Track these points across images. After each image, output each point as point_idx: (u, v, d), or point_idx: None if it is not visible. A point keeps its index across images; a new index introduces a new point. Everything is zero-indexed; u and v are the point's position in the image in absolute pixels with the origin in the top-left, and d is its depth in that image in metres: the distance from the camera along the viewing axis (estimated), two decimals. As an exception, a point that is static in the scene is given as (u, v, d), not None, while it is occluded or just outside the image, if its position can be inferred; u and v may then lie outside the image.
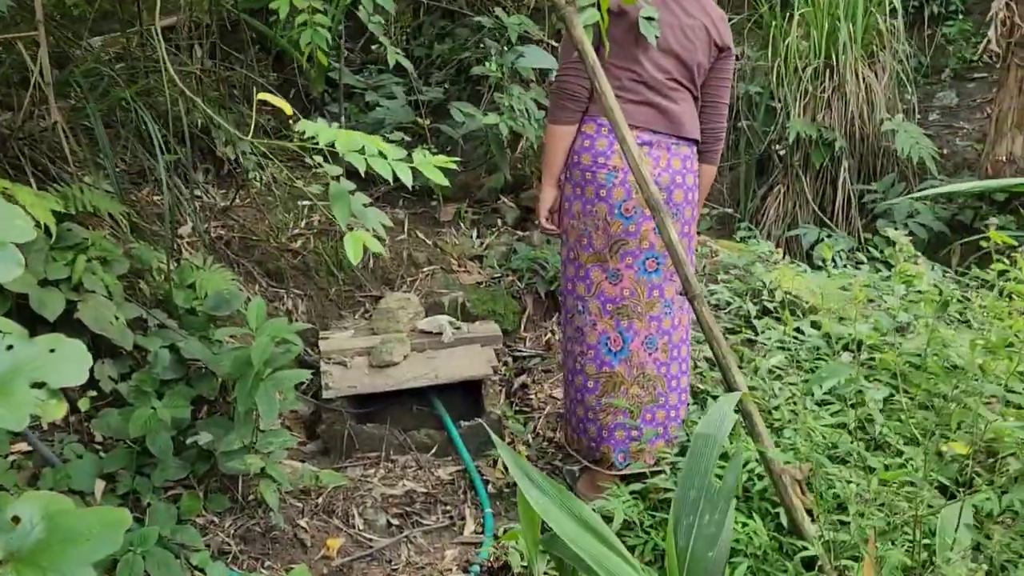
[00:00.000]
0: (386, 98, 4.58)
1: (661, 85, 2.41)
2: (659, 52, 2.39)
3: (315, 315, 3.67)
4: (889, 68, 5.17)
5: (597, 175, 2.42)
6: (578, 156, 2.46)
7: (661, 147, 2.41)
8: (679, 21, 2.40)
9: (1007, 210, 4.34)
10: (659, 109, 2.42)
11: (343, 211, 1.54)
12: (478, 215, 4.50)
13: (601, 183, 2.42)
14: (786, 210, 5.17)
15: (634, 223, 2.41)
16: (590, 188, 2.44)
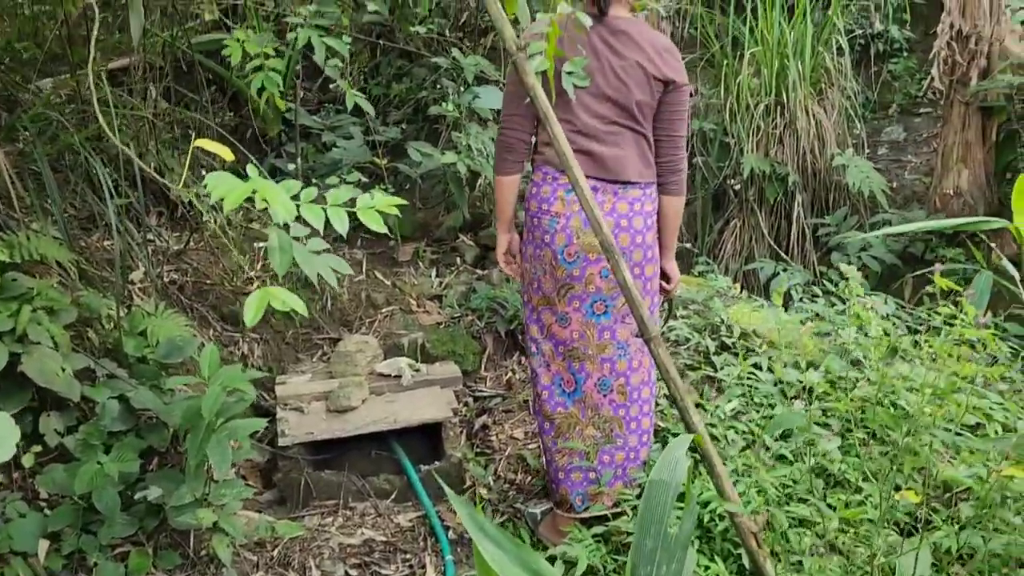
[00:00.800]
0: (343, 138, 4.57)
1: (597, 132, 2.40)
2: (592, 98, 2.39)
3: (272, 359, 3.61)
4: (838, 104, 5.30)
5: (542, 221, 2.44)
6: (528, 202, 2.51)
7: (607, 192, 2.41)
8: (610, 63, 2.37)
9: (956, 242, 4.44)
10: (596, 157, 2.40)
11: (283, 262, 1.51)
12: (437, 254, 4.48)
13: (545, 228, 2.43)
14: (743, 244, 5.24)
15: (577, 267, 2.42)
16: (536, 233, 2.47)
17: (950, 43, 4.48)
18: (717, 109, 5.49)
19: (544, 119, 2.00)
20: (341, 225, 1.56)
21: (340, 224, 1.56)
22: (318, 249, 1.66)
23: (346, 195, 1.59)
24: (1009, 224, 1.93)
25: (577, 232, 2.39)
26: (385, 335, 3.84)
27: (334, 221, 1.57)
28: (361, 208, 1.59)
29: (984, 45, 4.43)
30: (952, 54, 4.50)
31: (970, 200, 4.54)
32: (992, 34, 4.43)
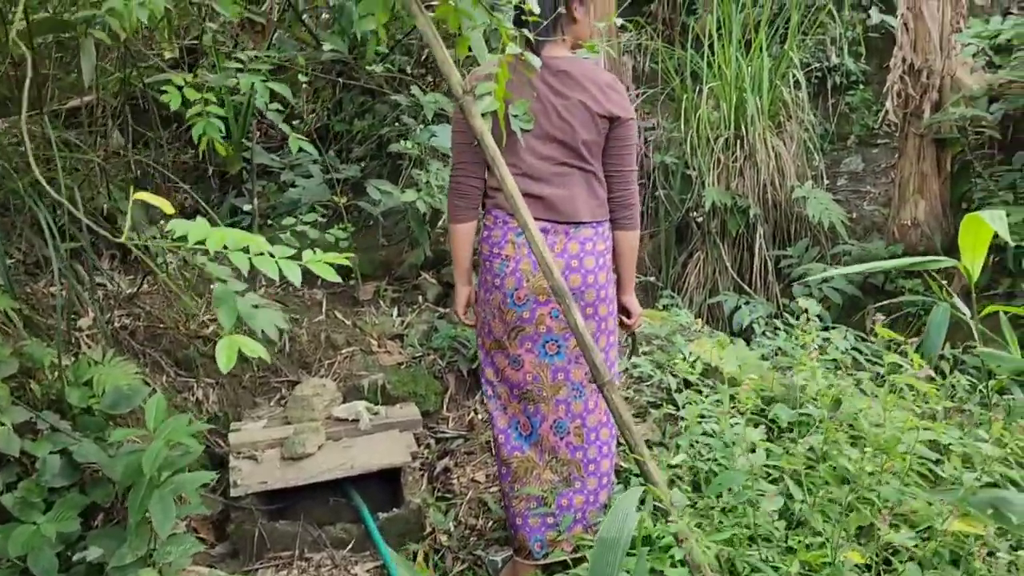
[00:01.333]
0: (302, 176, 4.52)
1: (544, 173, 2.37)
2: (537, 140, 2.37)
3: (227, 404, 3.53)
4: (796, 137, 5.36)
5: (492, 264, 2.43)
6: (480, 246, 2.50)
7: (558, 232, 2.38)
8: (552, 104, 2.36)
9: (915, 273, 4.48)
10: (545, 199, 2.37)
11: (228, 315, 1.47)
12: (399, 293, 4.43)
13: (496, 272, 2.42)
14: (706, 276, 5.25)
15: (527, 310, 2.39)
16: (488, 277, 2.45)
17: (903, 77, 4.55)
18: (678, 142, 5.54)
19: (492, 163, 1.98)
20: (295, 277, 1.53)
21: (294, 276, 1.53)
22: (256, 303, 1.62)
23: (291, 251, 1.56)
24: (958, 263, 1.93)
25: (527, 275, 2.36)
26: (345, 376, 3.77)
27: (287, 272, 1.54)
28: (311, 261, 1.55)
29: (936, 78, 4.51)
30: (905, 87, 4.57)
31: (927, 231, 4.59)
32: (943, 68, 4.51)
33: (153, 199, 1.44)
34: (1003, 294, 4.20)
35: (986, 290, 4.37)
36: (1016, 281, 4.02)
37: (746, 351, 3.51)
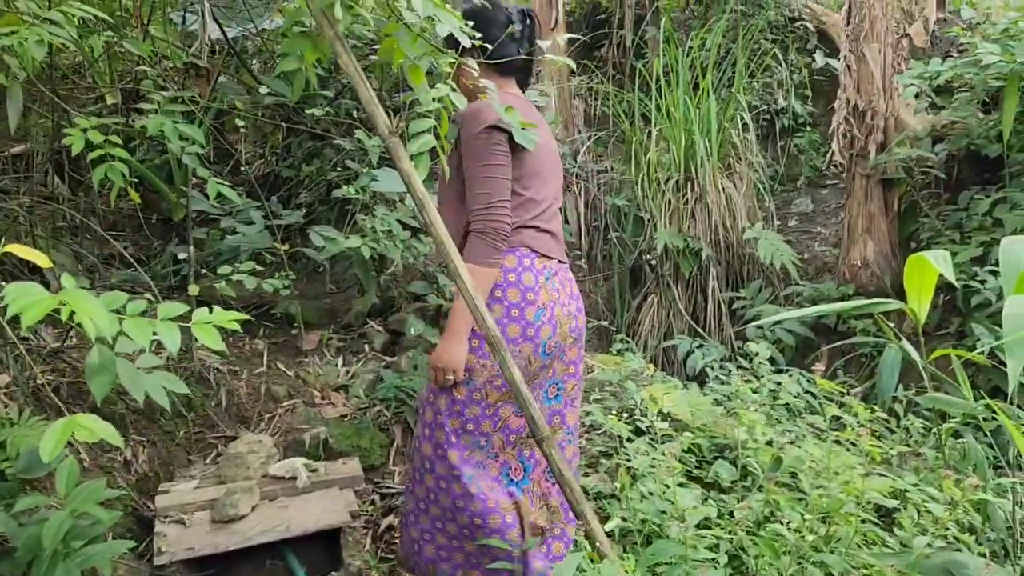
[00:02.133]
0: (244, 223, 4.38)
1: (555, 211, 2.37)
2: (552, 178, 2.36)
3: (159, 463, 3.34)
4: (746, 178, 5.37)
5: (525, 313, 2.21)
6: (503, 291, 2.23)
7: (565, 272, 2.36)
8: (550, 145, 2.37)
9: (866, 314, 4.46)
10: (558, 236, 2.37)
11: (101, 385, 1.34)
12: (344, 341, 4.29)
13: (529, 321, 2.22)
14: (660, 319, 5.19)
15: (552, 357, 2.29)
16: (515, 327, 2.21)
17: (847, 118, 4.58)
18: (630, 185, 5.52)
19: (420, 207, 1.89)
20: (172, 343, 1.40)
21: (171, 342, 1.40)
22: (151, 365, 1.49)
23: (179, 309, 1.43)
24: (904, 306, 1.87)
25: (560, 322, 2.26)
26: (286, 431, 3.61)
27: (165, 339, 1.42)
28: (196, 323, 1.43)
29: (880, 120, 4.55)
30: (850, 128, 4.60)
31: (877, 271, 4.59)
32: (887, 109, 4.56)
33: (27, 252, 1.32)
34: (954, 333, 4.19)
35: (937, 329, 4.36)
36: (966, 320, 4.01)
37: (699, 397, 3.44)
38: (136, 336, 1.31)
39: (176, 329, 1.36)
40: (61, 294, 1.28)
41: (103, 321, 1.26)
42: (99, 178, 2.32)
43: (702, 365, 4.35)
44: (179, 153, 2.67)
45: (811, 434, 2.77)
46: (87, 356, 1.35)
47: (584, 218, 5.55)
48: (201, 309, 1.43)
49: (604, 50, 7.07)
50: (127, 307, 1.36)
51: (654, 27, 6.62)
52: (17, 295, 1.25)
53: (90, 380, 1.34)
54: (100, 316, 1.26)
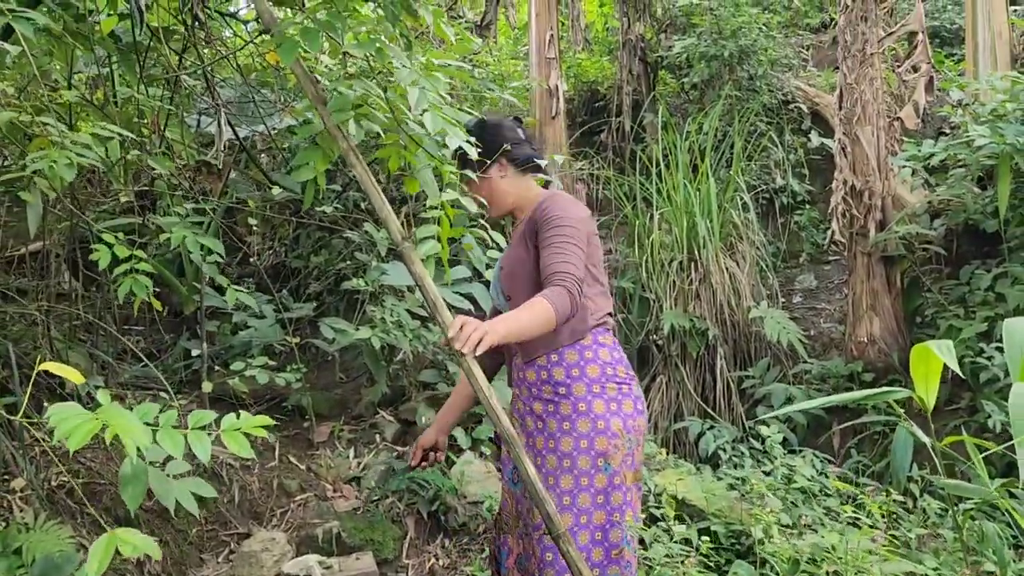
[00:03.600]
0: (255, 317, 4.45)
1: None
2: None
3: (171, 563, 3.32)
4: (749, 257, 5.45)
5: (633, 387, 2.29)
6: (612, 368, 2.25)
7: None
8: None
9: (876, 390, 4.46)
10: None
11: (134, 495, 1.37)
12: (355, 432, 4.30)
13: (638, 395, 2.30)
14: (670, 400, 5.19)
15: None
16: (628, 402, 2.24)
17: (845, 198, 4.68)
18: (635, 267, 5.59)
19: (433, 308, 1.94)
20: (203, 453, 1.44)
21: (202, 452, 1.44)
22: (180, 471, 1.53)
23: (208, 418, 1.47)
24: (912, 393, 1.90)
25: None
26: (298, 526, 3.60)
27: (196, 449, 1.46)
28: (225, 431, 1.47)
29: (877, 199, 4.64)
30: (849, 208, 4.69)
31: (884, 347, 4.62)
32: (883, 188, 4.66)
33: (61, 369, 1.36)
34: (965, 408, 4.18)
35: (948, 403, 4.36)
36: (976, 395, 4.02)
37: (712, 482, 3.42)
38: (169, 448, 1.35)
39: (207, 439, 1.40)
40: (101, 413, 1.32)
41: (140, 436, 1.30)
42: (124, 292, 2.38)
43: (715, 447, 4.34)
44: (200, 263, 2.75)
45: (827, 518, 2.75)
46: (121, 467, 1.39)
47: (590, 301, 5.61)
48: (229, 416, 1.47)
49: (604, 135, 7.26)
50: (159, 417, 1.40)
51: (652, 113, 6.81)
52: (61, 418, 1.29)
53: (123, 490, 1.38)
54: (138, 433, 1.30)
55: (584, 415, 2.17)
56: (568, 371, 2.21)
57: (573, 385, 2.20)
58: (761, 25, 6.73)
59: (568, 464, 2.15)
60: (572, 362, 2.22)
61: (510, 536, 2.34)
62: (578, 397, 2.19)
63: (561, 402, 2.20)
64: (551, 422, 2.19)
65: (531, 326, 1.97)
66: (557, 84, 6.40)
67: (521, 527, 2.29)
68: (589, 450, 2.15)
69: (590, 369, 2.22)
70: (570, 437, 2.17)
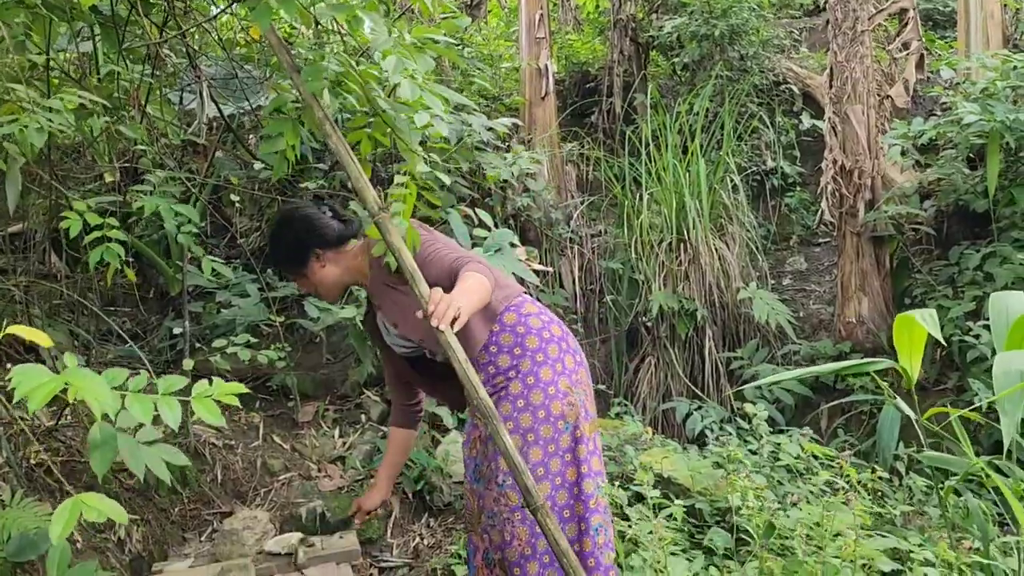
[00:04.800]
0: (239, 296, 4.40)
1: None
2: None
3: (152, 542, 3.29)
4: (739, 238, 5.42)
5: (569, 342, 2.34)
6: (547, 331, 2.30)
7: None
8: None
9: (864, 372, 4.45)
10: None
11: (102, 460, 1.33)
12: (340, 412, 4.27)
13: (575, 348, 2.35)
14: (658, 382, 5.17)
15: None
16: (568, 358, 2.29)
17: (835, 178, 4.65)
18: (623, 247, 5.56)
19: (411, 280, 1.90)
20: (173, 418, 1.40)
21: (172, 417, 1.40)
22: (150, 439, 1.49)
23: (179, 383, 1.44)
24: (895, 364, 1.88)
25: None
26: (282, 505, 3.57)
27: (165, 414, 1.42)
28: (196, 397, 1.43)
29: (867, 178, 4.62)
30: (839, 188, 4.66)
31: (873, 327, 4.60)
32: (873, 167, 4.63)
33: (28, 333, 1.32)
34: (952, 388, 4.17)
35: (936, 384, 4.35)
36: (964, 375, 4.00)
37: (698, 460, 3.41)
38: (138, 412, 1.31)
39: (177, 404, 1.37)
40: (65, 375, 1.28)
41: (107, 399, 1.26)
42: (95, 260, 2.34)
43: (701, 427, 4.32)
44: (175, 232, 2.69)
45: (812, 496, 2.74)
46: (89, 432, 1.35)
47: (579, 282, 5.58)
48: (200, 382, 1.44)
49: (594, 117, 7.21)
50: (128, 383, 1.36)
51: (642, 93, 6.76)
52: (23, 378, 1.26)
53: (92, 455, 1.34)
54: (104, 395, 1.27)
55: (534, 387, 2.21)
56: (511, 353, 2.25)
57: (520, 363, 2.23)
58: (753, 5, 6.67)
59: (532, 438, 2.18)
60: (510, 344, 2.25)
61: (474, 535, 2.32)
62: (525, 372, 2.23)
63: (510, 384, 2.24)
64: (504, 406, 2.21)
65: (480, 296, 2.02)
66: (547, 64, 6.34)
67: (485, 520, 2.29)
68: (548, 418, 2.19)
69: (529, 342, 2.26)
70: (527, 412, 2.20)
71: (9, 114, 1.99)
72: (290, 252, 2.32)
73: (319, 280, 2.36)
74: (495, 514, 2.23)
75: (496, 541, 2.24)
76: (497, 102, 6.37)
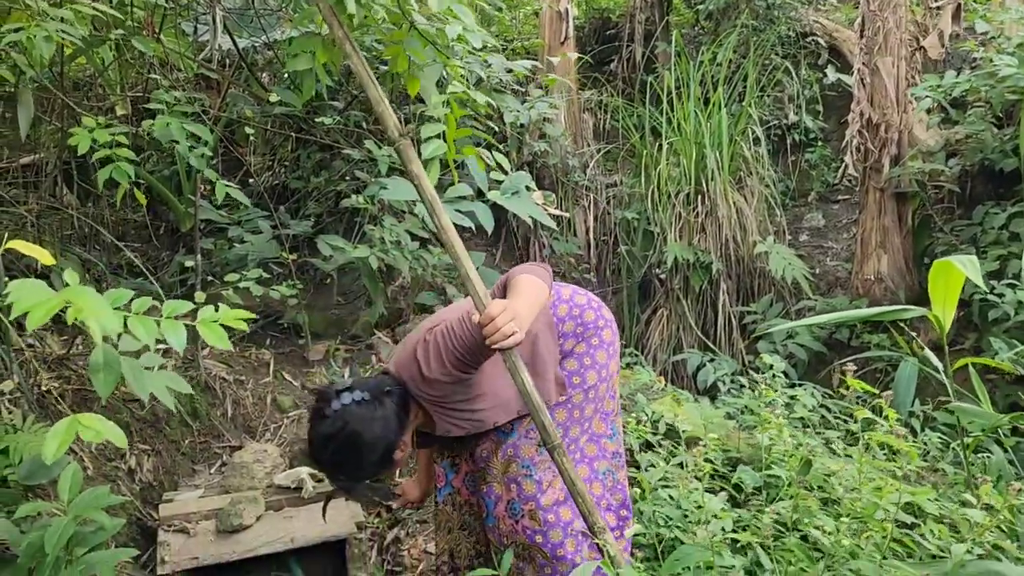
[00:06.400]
0: (252, 233, 4.36)
1: None
2: None
3: (163, 472, 3.30)
4: (757, 192, 5.33)
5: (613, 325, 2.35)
6: (595, 312, 2.28)
7: None
8: None
9: (881, 328, 4.41)
10: None
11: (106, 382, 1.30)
12: (351, 352, 4.25)
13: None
14: (670, 333, 5.14)
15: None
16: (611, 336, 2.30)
17: (861, 131, 4.55)
18: (640, 198, 5.48)
19: (431, 210, 1.85)
20: (178, 342, 1.36)
21: (176, 341, 1.36)
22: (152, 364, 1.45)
23: (185, 307, 1.39)
24: (928, 312, 1.83)
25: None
26: (292, 441, 3.57)
27: (170, 337, 1.37)
28: (203, 321, 1.39)
29: (894, 133, 4.51)
30: (864, 142, 4.56)
31: (891, 285, 4.54)
32: (901, 122, 4.52)
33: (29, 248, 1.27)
34: (970, 349, 4.12)
35: (953, 344, 4.30)
36: (983, 335, 3.95)
37: (710, 410, 3.38)
38: (141, 334, 1.26)
39: (182, 327, 1.32)
40: (65, 292, 1.23)
41: (108, 319, 1.21)
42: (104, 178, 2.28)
43: (713, 379, 4.29)
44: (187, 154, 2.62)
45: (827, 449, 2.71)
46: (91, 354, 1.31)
47: (593, 232, 5.52)
48: (207, 307, 1.39)
49: (614, 64, 7.06)
50: (132, 305, 1.31)
51: (664, 42, 6.61)
52: (22, 294, 1.20)
53: (94, 377, 1.30)
54: (105, 314, 1.21)
55: (591, 368, 2.20)
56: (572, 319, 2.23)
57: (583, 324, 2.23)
58: (782, -47, 6.48)
59: (593, 395, 2.19)
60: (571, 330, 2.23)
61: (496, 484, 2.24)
62: (580, 353, 2.21)
63: (565, 361, 2.21)
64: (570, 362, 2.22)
65: (538, 302, 1.92)
66: (567, 8, 6.19)
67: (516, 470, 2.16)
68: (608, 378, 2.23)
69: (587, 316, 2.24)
70: (593, 370, 2.20)
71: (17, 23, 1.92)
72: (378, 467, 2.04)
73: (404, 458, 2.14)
74: (529, 462, 2.15)
75: (529, 492, 2.16)
76: (514, 43, 6.24)
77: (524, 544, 2.19)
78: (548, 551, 2.17)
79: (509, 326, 1.73)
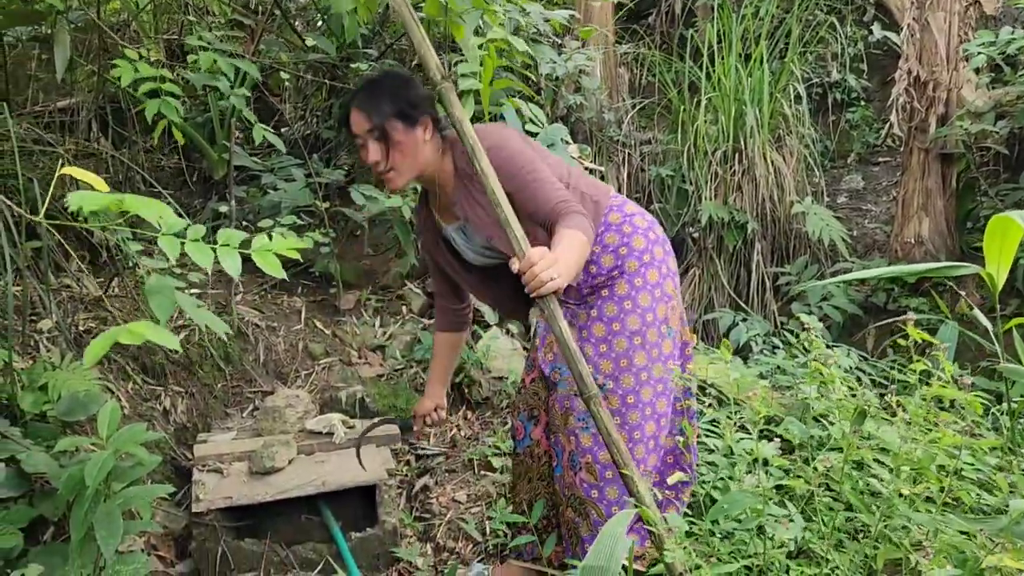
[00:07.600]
0: (285, 180, 4.35)
1: None
2: None
3: (196, 414, 3.34)
4: (796, 152, 5.22)
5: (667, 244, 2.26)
6: (653, 232, 2.20)
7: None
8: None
9: (919, 292, 4.33)
10: None
11: (163, 308, 1.30)
12: (382, 302, 4.26)
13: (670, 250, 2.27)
14: (702, 293, 5.09)
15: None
16: (670, 259, 2.24)
17: (908, 89, 4.42)
18: (675, 155, 5.40)
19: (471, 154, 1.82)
20: (233, 267, 1.36)
21: (232, 266, 1.36)
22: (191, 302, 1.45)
23: (238, 237, 1.39)
24: (981, 270, 1.77)
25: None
26: (323, 388, 3.60)
27: (224, 262, 1.37)
28: (256, 250, 1.38)
29: (942, 92, 4.38)
30: (911, 100, 4.44)
31: (932, 248, 4.44)
32: (950, 81, 4.38)
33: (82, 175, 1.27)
34: (1010, 315, 4.03)
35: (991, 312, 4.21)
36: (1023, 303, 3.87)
37: (744, 369, 3.35)
38: (198, 258, 1.27)
39: (236, 254, 1.32)
40: (119, 196, 1.24)
41: (164, 212, 1.22)
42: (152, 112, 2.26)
43: (746, 339, 4.25)
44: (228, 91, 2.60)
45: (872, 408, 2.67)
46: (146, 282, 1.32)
47: (627, 188, 5.45)
48: (260, 236, 1.39)
49: (652, 18, 6.92)
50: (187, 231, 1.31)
51: (705, -5, 6.45)
52: (80, 199, 1.22)
53: (151, 301, 1.31)
54: (161, 209, 1.22)
55: (643, 288, 2.12)
56: (616, 252, 2.14)
57: (625, 263, 2.13)
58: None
59: (639, 341, 2.10)
60: (615, 243, 2.15)
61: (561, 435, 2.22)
62: (631, 272, 2.13)
63: (615, 284, 2.14)
64: (610, 306, 2.13)
65: (581, 258, 1.88)
66: (607, -43, 6.05)
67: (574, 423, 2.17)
68: (654, 321, 2.12)
69: (635, 242, 2.15)
70: (635, 314, 2.11)
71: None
72: (411, 103, 2.04)
73: (414, 151, 2.06)
74: (586, 416, 2.11)
75: (586, 445, 2.15)
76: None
77: (580, 499, 2.18)
78: (603, 508, 2.16)
79: (547, 272, 1.71)
